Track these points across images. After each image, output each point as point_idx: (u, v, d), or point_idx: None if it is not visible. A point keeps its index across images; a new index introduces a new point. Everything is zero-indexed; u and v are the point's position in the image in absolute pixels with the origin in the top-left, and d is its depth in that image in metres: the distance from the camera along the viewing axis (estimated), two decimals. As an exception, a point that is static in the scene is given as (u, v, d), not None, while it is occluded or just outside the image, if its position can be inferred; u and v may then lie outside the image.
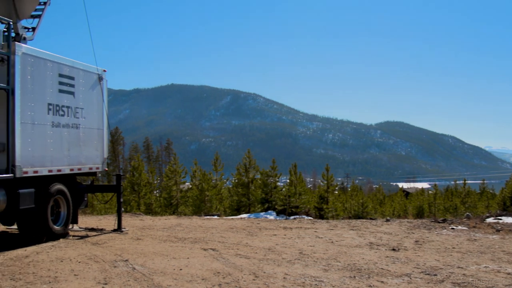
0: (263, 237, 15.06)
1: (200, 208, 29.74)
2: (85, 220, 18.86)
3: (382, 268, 10.70)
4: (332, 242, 14.21)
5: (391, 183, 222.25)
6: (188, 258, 11.69)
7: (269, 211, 27.52)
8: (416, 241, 14.27)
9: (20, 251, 12.42)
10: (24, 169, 12.72)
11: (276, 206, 29.20)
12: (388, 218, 21.84)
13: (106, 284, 9.32)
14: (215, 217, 23.47)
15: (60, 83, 14.22)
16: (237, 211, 30.27)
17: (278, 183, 31.33)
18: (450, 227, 17.05)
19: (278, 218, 22.84)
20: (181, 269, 10.47)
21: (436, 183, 51.64)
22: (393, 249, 12.96)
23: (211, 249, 12.87)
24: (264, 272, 10.21)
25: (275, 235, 15.48)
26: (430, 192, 54.17)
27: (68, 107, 14.53)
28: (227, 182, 34.89)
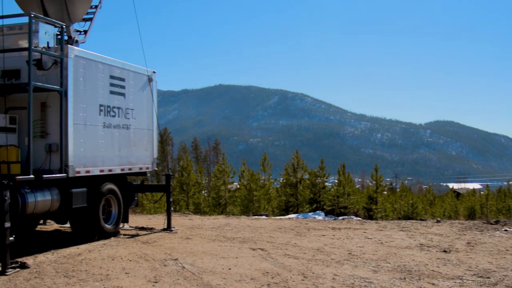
0: (312, 237, 15.01)
1: (248, 208, 29.82)
2: (135, 219, 19.14)
3: (433, 270, 10.54)
4: (381, 243, 14.06)
5: (441, 184, 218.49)
6: (236, 257, 11.75)
7: (318, 212, 27.43)
8: (468, 243, 14.00)
9: (73, 249, 12.69)
10: (77, 169, 12.99)
11: (324, 207, 29.12)
12: (438, 219, 21.48)
13: (156, 282, 9.44)
14: (263, 217, 23.51)
15: (111, 84, 14.47)
16: (285, 211, 30.27)
17: (327, 183, 31.21)
18: (503, 229, 16.65)
19: (326, 219, 22.75)
20: (230, 269, 10.53)
21: (488, 183, 50.59)
22: (444, 251, 12.74)
23: (259, 249, 12.90)
24: (313, 273, 10.18)
25: (324, 235, 15.41)
26: (482, 193, 53.15)
27: (119, 108, 14.78)
28: (275, 182, 34.91)
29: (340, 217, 24.44)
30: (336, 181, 32.34)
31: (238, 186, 34.15)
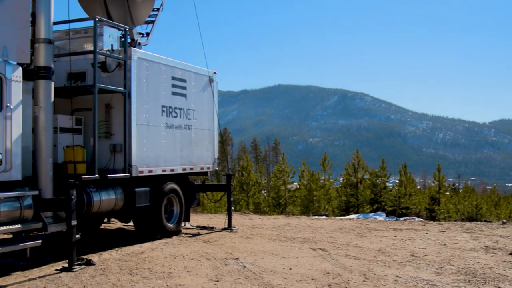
0: (373, 238, 14.86)
1: (308, 208, 29.76)
2: (196, 218, 19.36)
3: (499, 273, 10.27)
4: (444, 244, 13.79)
5: (507, 184, 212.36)
6: (297, 257, 11.74)
7: (378, 212, 27.14)
8: (535, 245, 13.58)
9: (136, 247, 12.95)
10: (140, 169, 13.25)
11: (385, 207, 28.78)
12: (504, 221, 20.90)
13: (217, 281, 9.53)
14: (323, 217, 23.42)
15: (173, 85, 14.69)
16: (345, 211, 30.08)
17: (388, 184, 30.82)
18: None
19: (387, 219, 22.47)
20: (290, 269, 10.53)
21: (556, 184, 48.73)
22: (511, 254, 12.40)
23: (320, 249, 12.85)
24: (375, 274, 10.08)
25: (385, 236, 15.23)
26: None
27: (180, 108, 14.99)
28: (336, 182, 34.69)
29: (402, 218, 24.11)
30: (397, 181, 31.93)
31: (298, 186, 34.11)
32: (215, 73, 16.86)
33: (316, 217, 23.01)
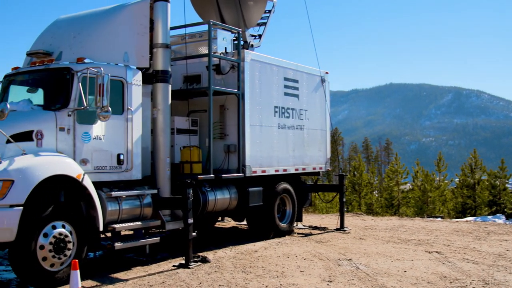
0: (492, 242, 14.24)
1: (423, 209, 29.01)
2: (308, 219, 19.37)
3: None
4: None
5: None
6: (412, 260, 11.49)
7: (497, 215, 25.95)
8: None
9: (249, 246, 13.15)
10: (253, 169, 13.45)
11: (505, 210, 27.50)
12: None
13: (330, 282, 9.51)
14: (438, 219, 22.74)
15: (285, 86, 14.80)
16: (461, 213, 29.05)
17: (507, 185, 29.45)
18: None
19: (507, 223, 21.44)
20: (405, 271, 10.33)
21: None
22: None
23: (436, 252, 12.50)
24: (495, 279, 9.67)
25: (506, 240, 14.55)
26: None
27: (292, 109, 15.07)
28: (451, 183, 33.58)
29: (524, 222, 22.94)
30: (519, 182, 30.43)
31: (412, 187, 33.32)
32: (327, 73, 16.80)
33: (431, 219, 22.37)
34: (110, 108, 9.67)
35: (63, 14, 12.32)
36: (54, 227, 8.98)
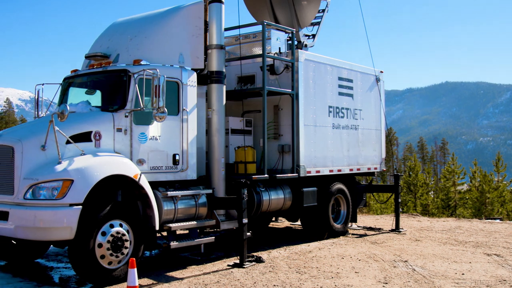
0: (555, 244, 13.82)
1: (480, 210, 28.41)
2: (362, 219, 19.21)
3: None
4: None
5: None
6: (470, 262, 11.26)
7: (559, 217, 25.19)
8: None
9: (303, 246, 13.12)
10: (308, 169, 13.41)
11: None
12: None
13: (386, 283, 9.40)
14: (497, 220, 22.19)
15: (340, 86, 14.70)
16: (521, 215, 28.31)
17: None
18: None
19: None
20: (463, 274, 10.13)
21: None
22: None
23: (495, 254, 12.21)
24: (558, 283, 9.38)
25: None
26: None
27: (347, 109, 14.97)
28: (511, 184, 32.76)
29: None
30: None
31: (469, 188, 32.66)
32: (381, 72, 16.62)
33: (489, 220, 21.84)
34: (166, 109, 9.80)
35: (120, 17, 12.51)
36: (111, 226, 9.16)
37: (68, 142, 9.14)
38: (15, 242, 10.67)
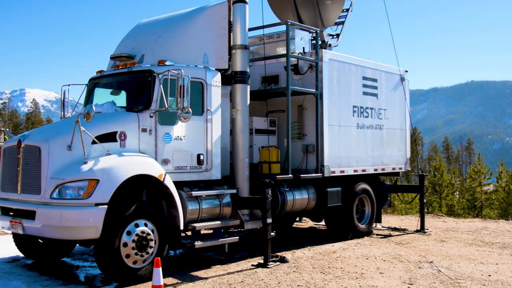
0: None
1: (507, 211, 28.09)
2: (386, 220, 19.09)
3: None
4: None
5: None
6: (496, 264, 11.14)
7: None
8: None
9: (327, 246, 13.08)
10: (332, 169, 13.37)
11: None
12: None
13: (411, 284, 9.34)
14: (525, 221, 21.91)
15: (364, 85, 14.63)
16: (549, 216, 27.92)
17: None
18: None
19: None
20: (489, 275, 10.03)
21: None
22: None
23: (522, 256, 12.07)
24: None
25: None
26: None
27: (371, 108, 14.89)
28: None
29: None
30: None
31: (495, 188, 32.31)
32: (406, 71, 16.50)
33: (518, 221, 21.58)
34: (190, 109, 9.84)
35: (145, 18, 12.60)
36: (136, 225, 9.22)
37: (93, 142, 9.22)
38: (41, 241, 10.80)
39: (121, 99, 11.00)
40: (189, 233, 10.90)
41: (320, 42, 13.91)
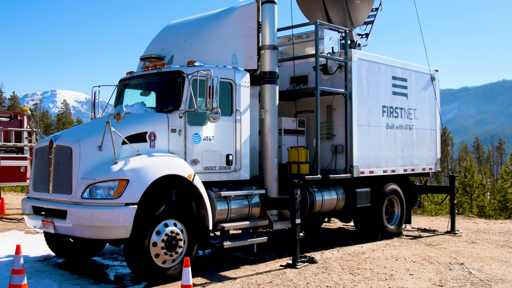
0: None
1: (540, 213, 27.64)
2: (416, 221, 18.93)
3: None
4: None
5: None
6: (529, 266, 10.98)
7: None
8: None
9: (356, 247, 13.01)
10: (361, 169, 13.30)
11: None
12: None
13: (441, 286, 9.26)
14: (558, 223, 21.56)
15: (394, 85, 14.52)
16: None
17: None
18: None
19: None
20: (522, 278, 9.88)
21: None
22: None
23: (555, 258, 11.86)
24: None
25: None
26: None
27: (401, 108, 14.77)
28: None
29: None
30: None
31: (527, 189, 31.85)
32: (437, 70, 16.33)
33: (549, 223, 21.24)
34: (219, 110, 9.86)
35: (174, 19, 12.67)
36: (166, 225, 9.27)
37: (124, 143, 9.31)
38: (72, 240, 10.93)
39: (150, 100, 11.08)
40: (218, 233, 10.93)
41: (349, 42, 13.84)
